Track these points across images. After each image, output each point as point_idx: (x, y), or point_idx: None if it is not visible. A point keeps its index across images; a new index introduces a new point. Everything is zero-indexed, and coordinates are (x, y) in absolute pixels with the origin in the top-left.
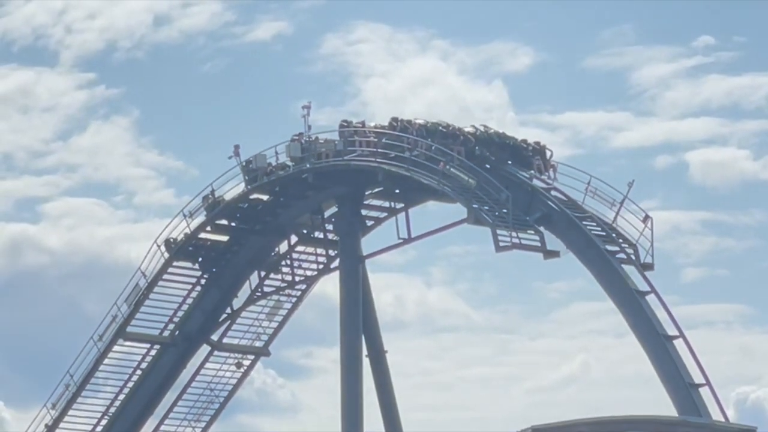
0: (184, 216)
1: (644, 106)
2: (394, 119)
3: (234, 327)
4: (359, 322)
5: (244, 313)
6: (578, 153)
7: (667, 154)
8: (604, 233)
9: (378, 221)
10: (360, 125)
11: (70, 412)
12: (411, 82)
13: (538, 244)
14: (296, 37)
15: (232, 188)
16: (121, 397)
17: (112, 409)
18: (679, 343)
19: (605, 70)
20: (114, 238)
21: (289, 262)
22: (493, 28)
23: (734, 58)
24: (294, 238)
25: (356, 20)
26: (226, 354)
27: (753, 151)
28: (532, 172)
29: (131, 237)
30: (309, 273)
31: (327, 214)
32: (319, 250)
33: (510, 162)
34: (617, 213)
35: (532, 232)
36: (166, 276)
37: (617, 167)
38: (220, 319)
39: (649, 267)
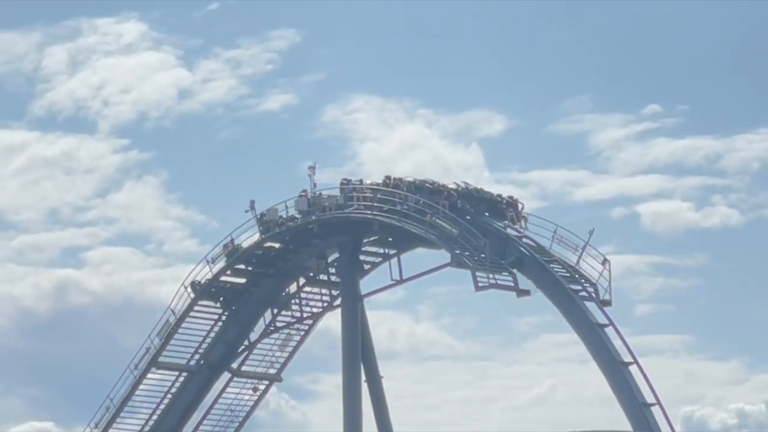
0: (207, 262)
1: (601, 165)
2: (387, 177)
3: (251, 356)
4: (358, 352)
5: (259, 345)
6: (545, 205)
7: (621, 206)
8: (568, 274)
9: (374, 265)
10: (358, 183)
11: (110, 431)
12: (400, 145)
13: (512, 284)
14: (301, 107)
15: (249, 237)
16: (154, 418)
17: (147, 428)
18: (633, 369)
19: (567, 134)
20: (146, 281)
21: (297, 300)
22: (471, 99)
23: (678, 123)
24: (302, 280)
25: (353, 93)
26: (244, 380)
27: (695, 203)
28: (506, 222)
29: (161, 280)
30: (315, 310)
31: (330, 259)
32: (324, 291)
33: (487, 214)
34: (579, 257)
35: (507, 273)
36: (192, 313)
37: (578, 218)
38: (239, 350)
39: (607, 303)
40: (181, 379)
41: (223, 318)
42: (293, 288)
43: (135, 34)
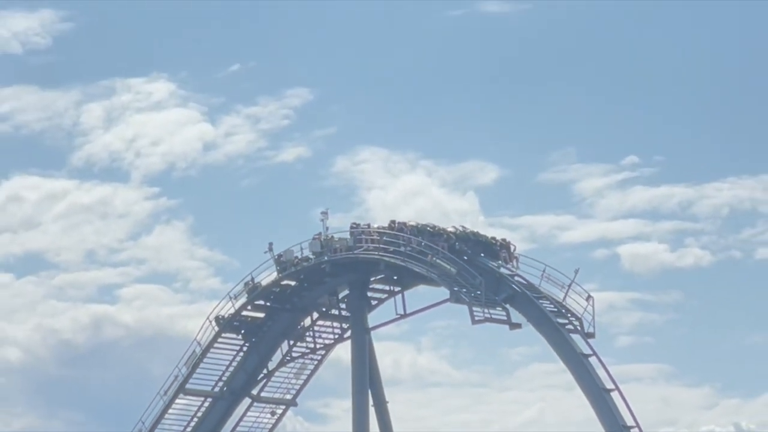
0: (230, 298)
1: (584, 211)
2: (392, 221)
3: (269, 383)
4: (366, 379)
5: (277, 373)
6: (534, 247)
7: (603, 247)
8: (555, 309)
9: (381, 301)
10: (366, 226)
11: None
12: (404, 193)
13: (505, 318)
14: (314, 158)
15: (267, 276)
16: None
17: None
18: (615, 395)
19: (554, 182)
20: (175, 316)
21: (311, 333)
22: (467, 151)
23: (654, 173)
24: (315, 314)
25: (361, 145)
26: (263, 404)
27: (670, 245)
28: (500, 262)
29: (188, 315)
30: (327, 341)
31: (341, 295)
32: (335, 324)
33: (482, 254)
34: (566, 293)
35: (500, 308)
36: (216, 344)
37: (565, 258)
38: (259, 377)
39: (591, 335)
40: (206, 404)
41: (244, 349)
42: (307, 321)
43: (164, 93)
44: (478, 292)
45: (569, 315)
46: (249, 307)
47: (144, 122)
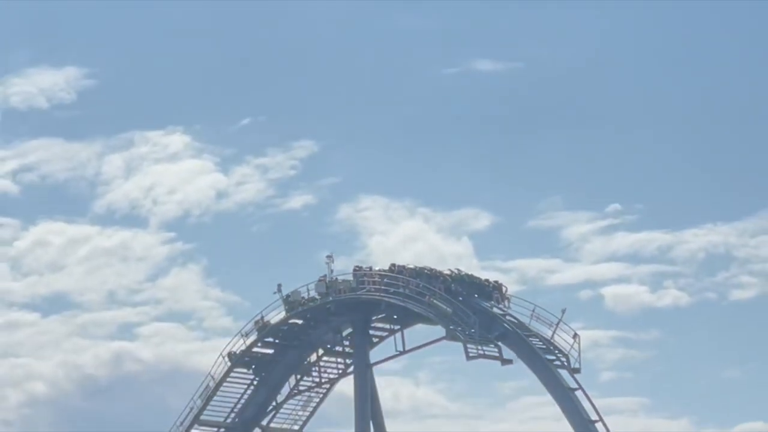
0: (241, 335)
1: (571, 255)
2: (392, 265)
3: (278, 415)
4: (368, 411)
5: (285, 405)
6: (524, 288)
7: (588, 289)
8: (544, 346)
9: (382, 338)
10: (368, 269)
11: None
12: (403, 238)
13: (497, 355)
14: (319, 206)
15: (276, 315)
16: None
17: None
18: (599, 426)
19: (543, 228)
20: (190, 352)
21: (317, 368)
22: (462, 199)
23: (635, 219)
24: (320, 351)
25: (363, 194)
26: None
27: (650, 287)
28: (492, 302)
29: (202, 351)
30: (332, 376)
31: (344, 333)
32: (339, 360)
33: (476, 295)
34: (554, 331)
35: (493, 345)
36: (228, 379)
37: (552, 299)
38: (268, 409)
39: (577, 371)
40: None
41: (255, 382)
42: (313, 357)
43: (179, 145)
44: (473, 331)
45: (557, 351)
46: (259, 344)
47: (161, 172)
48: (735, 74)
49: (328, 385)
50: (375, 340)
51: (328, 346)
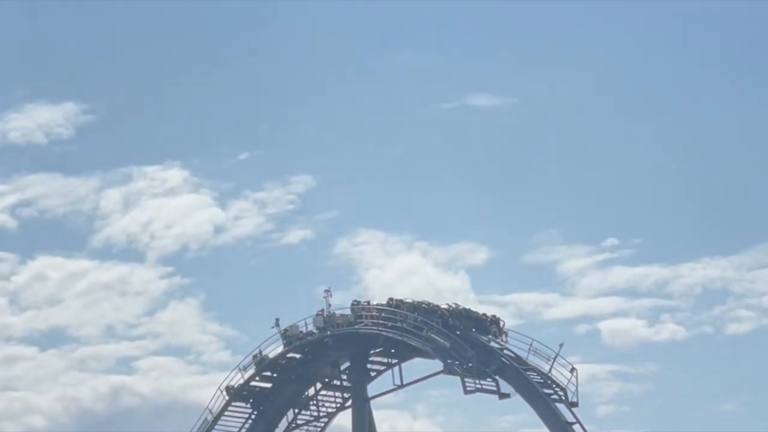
0: (239, 370)
1: (567, 289)
2: (390, 299)
3: None
4: None
5: None
6: (521, 323)
7: (585, 323)
8: (542, 380)
9: (379, 372)
10: (366, 303)
11: None
12: (400, 272)
13: (495, 389)
14: (317, 240)
15: (274, 349)
16: None
17: None
18: None
19: (540, 263)
20: (188, 386)
21: (315, 402)
22: (459, 233)
23: (632, 254)
24: (318, 385)
25: (360, 228)
26: None
27: (647, 321)
28: (490, 336)
29: (200, 385)
30: (330, 410)
31: (342, 367)
32: (337, 394)
33: (474, 329)
34: (551, 365)
35: (490, 379)
36: (226, 413)
37: (550, 333)
38: None
39: (575, 404)
40: None
41: (253, 416)
42: (311, 391)
43: (177, 179)
44: (470, 364)
45: (554, 385)
46: (257, 378)
47: (159, 207)
48: (729, 111)
49: (326, 419)
50: (373, 373)
51: (326, 380)
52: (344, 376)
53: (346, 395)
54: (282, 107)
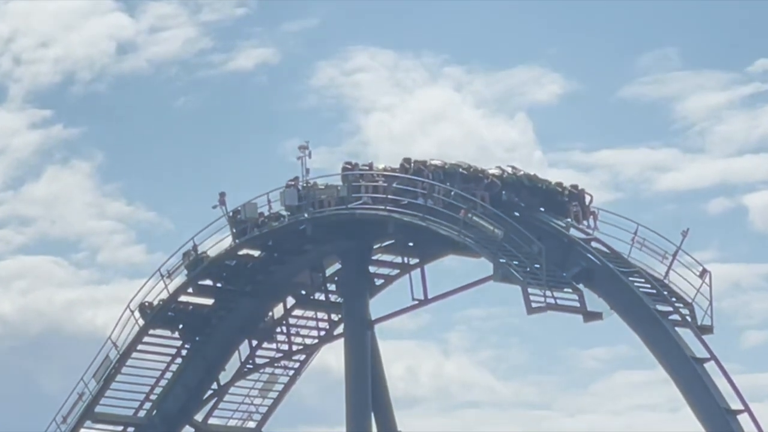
0: (161, 276)
1: (693, 142)
2: (407, 160)
3: (221, 405)
4: (368, 398)
5: (232, 389)
6: (618, 197)
7: (722, 196)
8: (654, 291)
9: (388, 280)
10: (366, 168)
11: None
12: (420, 117)
13: (577, 305)
14: (284, 66)
15: (217, 243)
16: None
17: None
18: (743, 418)
19: (646, 100)
20: (76, 303)
21: (285, 328)
22: (515, 53)
23: None
24: (291, 301)
25: (354, 45)
26: None
27: None
28: (569, 220)
29: (97, 301)
30: (308, 341)
31: (329, 272)
32: (320, 315)
33: (542, 209)
34: (669, 267)
35: (570, 290)
36: (140, 346)
37: (665, 213)
38: (205, 397)
39: (708, 330)
40: None
41: (183, 353)
42: (279, 312)
43: None
44: (537, 266)
45: (674, 299)
46: (190, 290)
47: (27, 12)
48: None
49: (302, 356)
50: (378, 282)
51: (303, 292)
52: (332, 287)
53: (334, 317)
54: None
